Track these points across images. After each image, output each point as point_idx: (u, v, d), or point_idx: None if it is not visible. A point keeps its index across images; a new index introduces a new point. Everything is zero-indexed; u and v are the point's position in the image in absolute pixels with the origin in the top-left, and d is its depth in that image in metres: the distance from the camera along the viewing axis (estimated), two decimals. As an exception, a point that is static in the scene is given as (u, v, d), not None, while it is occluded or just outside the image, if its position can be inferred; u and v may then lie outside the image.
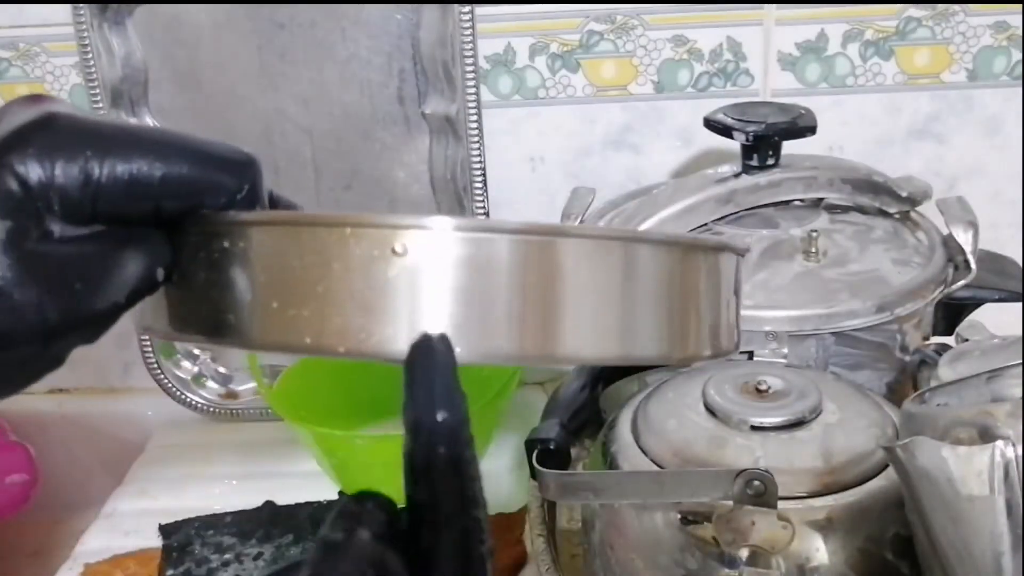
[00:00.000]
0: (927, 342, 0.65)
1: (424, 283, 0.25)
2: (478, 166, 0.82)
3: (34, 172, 0.26)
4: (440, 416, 0.25)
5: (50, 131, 0.26)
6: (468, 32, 0.78)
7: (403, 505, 0.26)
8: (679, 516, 0.49)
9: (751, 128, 0.68)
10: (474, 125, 0.80)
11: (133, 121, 0.29)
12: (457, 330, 0.25)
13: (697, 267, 0.29)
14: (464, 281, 0.25)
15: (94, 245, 0.27)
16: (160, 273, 0.28)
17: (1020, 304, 0.65)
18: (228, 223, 0.27)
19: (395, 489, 0.85)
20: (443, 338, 0.25)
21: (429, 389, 0.25)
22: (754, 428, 0.50)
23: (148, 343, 0.86)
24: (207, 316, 0.27)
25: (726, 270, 0.30)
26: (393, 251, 0.25)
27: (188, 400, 0.87)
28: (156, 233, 0.28)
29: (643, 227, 0.67)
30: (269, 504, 0.73)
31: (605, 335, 0.27)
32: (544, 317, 0.26)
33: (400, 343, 0.25)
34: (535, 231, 0.26)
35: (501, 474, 0.77)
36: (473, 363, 0.26)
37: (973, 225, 0.64)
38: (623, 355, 0.28)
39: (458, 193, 0.83)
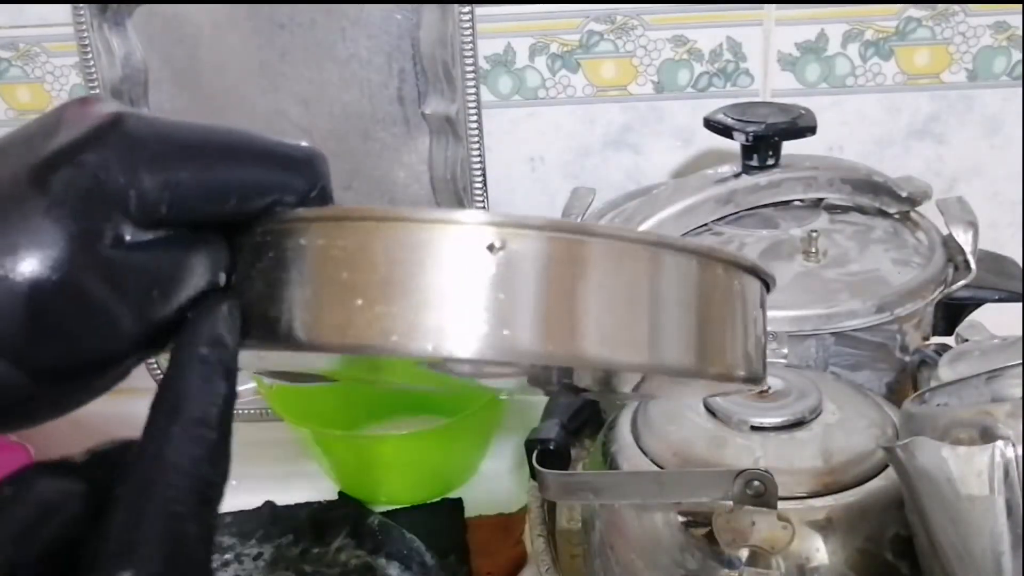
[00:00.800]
0: (927, 342, 0.65)
1: (516, 281, 0.25)
2: (478, 166, 0.82)
3: (112, 172, 0.24)
4: None
5: (125, 131, 0.25)
6: (468, 32, 0.78)
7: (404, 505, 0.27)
8: (679, 516, 0.49)
9: (751, 128, 0.68)
10: (474, 125, 0.80)
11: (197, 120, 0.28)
12: (545, 328, 0.25)
13: (732, 284, 0.28)
14: (554, 280, 0.25)
15: (165, 250, 0.26)
16: (222, 278, 0.27)
17: (1020, 304, 0.65)
18: (305, 219, 0.26)
19: (395, 489, 0.85)
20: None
21: None
22: (754, 428, 0.50)
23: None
24: (275, 320, 0.26)
25: (755, 294, 0.30)
26: (489, 248, 0.25)
27: (188, 400, 0.87)
28: (217, 236, 0.27)
29: (643, 227, 0.67)
30: (269, 504, 0.73)
31: (679, 342, 0.27)
32: (624, 321, 0.26)
33: (487, 341, 0.25)
34: (628, 238, 0.26)
35: (501, 474, 0.77)
36: (560, 364, 0.26)
37: (973, 225, 0.64)
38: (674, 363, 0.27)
39: (458, 193, 0.83)
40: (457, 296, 0.24)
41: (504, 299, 0.25)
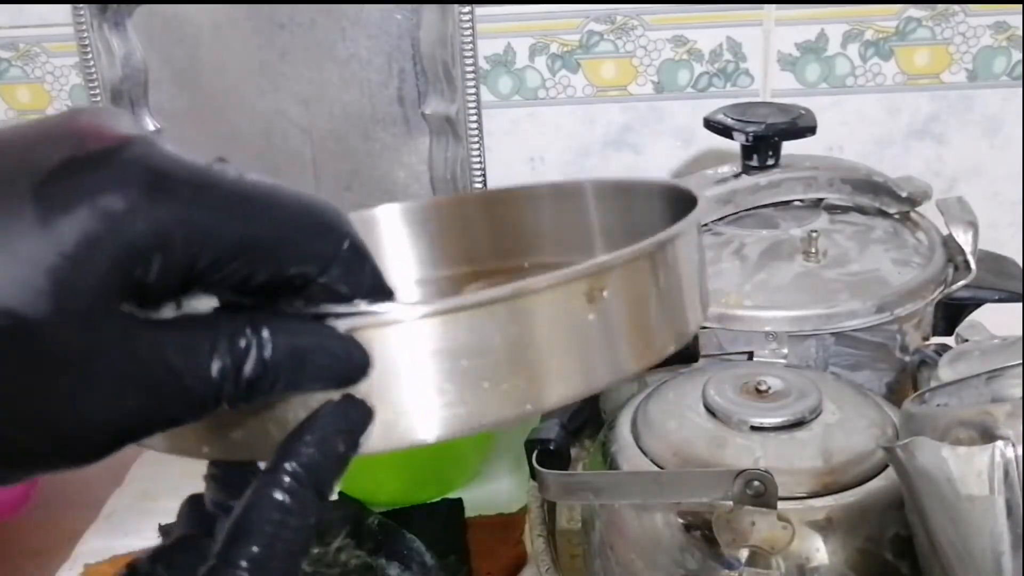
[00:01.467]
0: (927, 342, 0.65)
1: (616, 319, 0.27)
2: (478, 166, 0.82)
3: (139, 220, 0.20)
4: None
5: (147, 162, 0.21)
6: (468, 32, 0.78)
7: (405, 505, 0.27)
8: (679, 516, 0.49)
9: (751, 128, 0.68)
10: (474, 125, 0.80)
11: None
12: (634, 346, 0.27)
13: (662, 262, 0.30)
14: (640, 307, 0.28)
15: (173, 333, 0.22)
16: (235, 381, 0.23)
17: (1020, 304, 0.65)
18: (405, 318, 0.25)
19: (395, 489, 0.85)
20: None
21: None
22: (754, 428, 0.50)
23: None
24: (392, 422, 0.26)
25: (682, 252, 0.31)
26: (588, 297, 0.26)
27: (188, 400, 0.87)
28: (237, 322, 0.23)
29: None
30: (269, 504, 0.73)
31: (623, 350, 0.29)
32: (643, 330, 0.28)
33: (607, 377, 0.27)
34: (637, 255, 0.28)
35: (501, 475, 0.77)
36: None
37: (973, 225, 0.64)
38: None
39: (458, 193, 0.83)
40: (572, 347, 0.26)
41: (607, 331, 0.27)
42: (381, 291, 0.26)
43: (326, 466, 0.25)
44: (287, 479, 0.24)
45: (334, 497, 0.75)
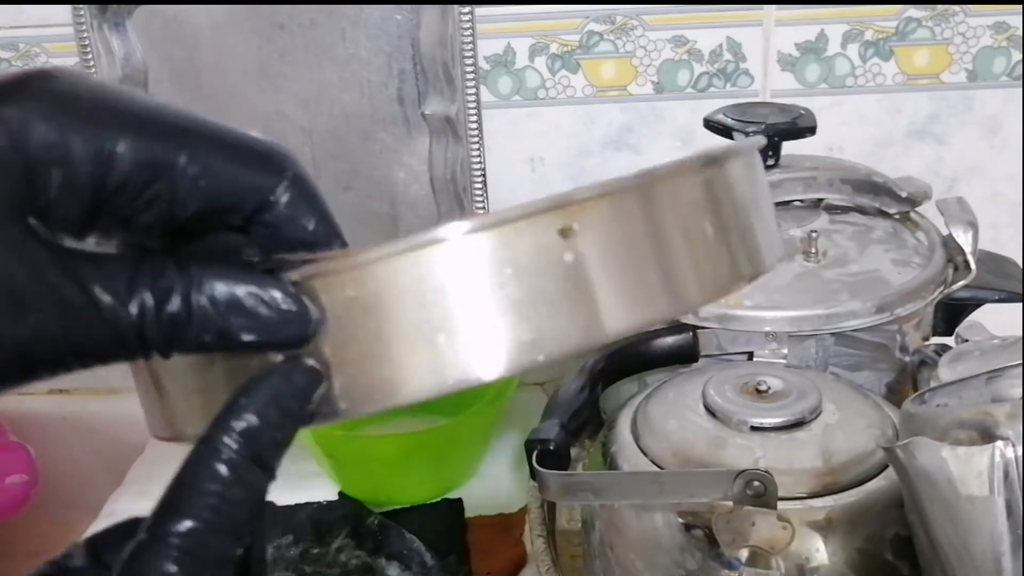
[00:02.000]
0: (927, 343, 0.65)
1: (596, 259, 0.23)
2: (478, 166, 0.82)
3: (35, 131, 0.20)
4: None
5: (55, 85, 0.21)
6: (468, 32, 0.78)
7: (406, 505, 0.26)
8: (679, 517, 0.49)
9: (751, 128, 0.68)
10: (474, 125, 0.80)
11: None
12: (634, 298, 0.23)
13: (732, 183, 0.26)
14: (631, 245, 0.23)
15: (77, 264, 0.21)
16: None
17: (1020, 304, 0.65)
18: (351, 266, 0.22)
19: (395, 489, 0.85)
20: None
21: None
22: (754, 428, 0.50)
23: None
24: (349, 386, 0.23)
25: (753, 173, 0.28)
26: (562, 233, 0.22)
27: (188, 400, 0.87)
28: (166, 263, 0.22)
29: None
30: (269, 504, 0.73)
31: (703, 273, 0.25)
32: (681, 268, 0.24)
33: (585, 333, 0.22)
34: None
35: (501, 475, 0.77)
36: (661, 323, 0.24)
37: (973, 226, 0.64)
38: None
39: (458, 194, 0.83)
40: (544, 295, 0.22)
41: (591, 282, 0.23)
42: (330, 236, 0.24)
43: (266, 435, 0.22)
44: (223, 449, 0.22)
45: (333, 497, 0.75)
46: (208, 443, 0.22)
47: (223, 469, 0.22)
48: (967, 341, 0.58)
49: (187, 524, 0.21)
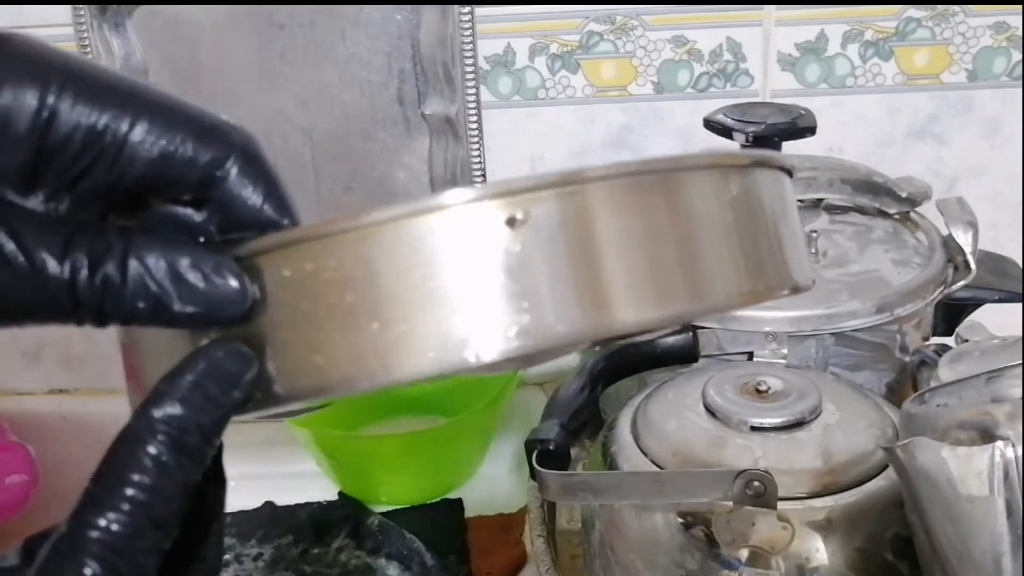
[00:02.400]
0: (927, 343, 0.65)
1: (545, 253, 0.21)
2: (478, 166, 0.82)
3: None
4: None
5: (7, 46, 0.21)
6: (468, 33, 0.78)
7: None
8: (679, 517, 0.49)
9: (751, 129, 0.68)
10: (474, 126, 0.80)
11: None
12: (588, 299, 0.21)
13: (758, 188, 0.25)
14: (585, 242, 0.21)
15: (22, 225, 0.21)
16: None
17: (1020, 305, 0.65)
18: (282, 244, 0.22)
19: (395, 489, 0.85)
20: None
21: None
22: (754, 429, 0.50)
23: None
24: (279, 373, 0.22)
25: (784, 189, 0.26)
26: (510, 223, 0.21)
27: (188, 400, 0.87)
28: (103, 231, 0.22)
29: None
30: (269, 504, 0.73)
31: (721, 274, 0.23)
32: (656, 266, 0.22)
33: (530, 332, 0.21)
34: (635, 171, 0.22)
35: (501, 475, 0.77)
36: (617, 334, 0.22)
37: (973, 226, 0.64)
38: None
39: (458, 193, 0.83)
40: (485, 288, 0.21)
41: (538, 277, 0.21)
42: (282, 214, 0.24)
43: (190, 422, 0.22)
44: (143, 437, 0.21)
45: (333, 497, 0.75)
46: (129, 432, 0.22)
47: (145, 460, 0.21)
48: (967, 341, 0.58)
49: (108, 516, 0.21)
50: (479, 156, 0.82)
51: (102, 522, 0.21)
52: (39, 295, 0.21)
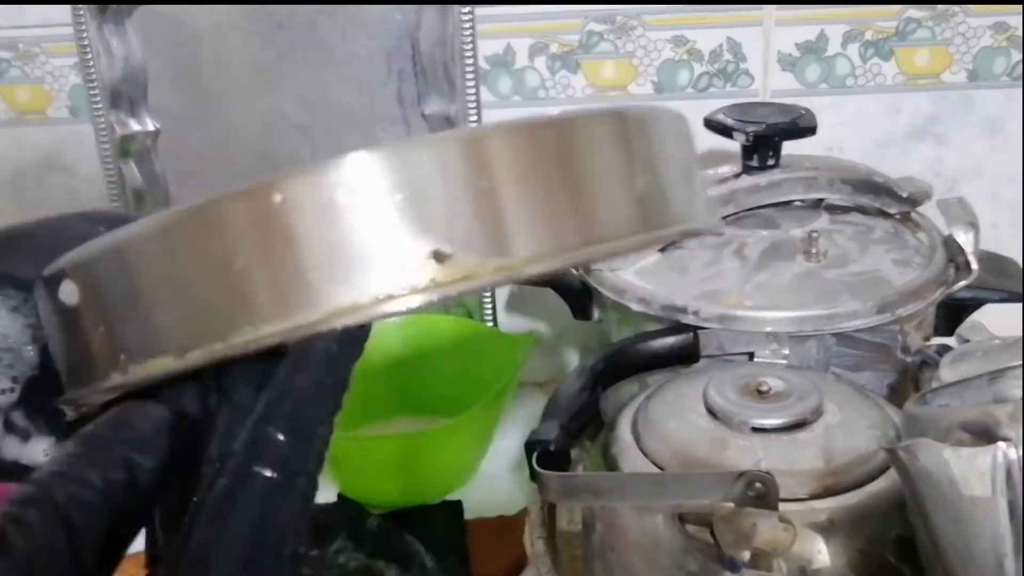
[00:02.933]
0: (928, 343, 0.64)
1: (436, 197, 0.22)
2: (478, 167, 0.82)
3: None
4: None
5: None
6: (468, 32, 0.78)
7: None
8: (680, 518, 0.48)
9: (751, 128, 0.68)
10: (474, 126, 0.80)
11: None
12: (493, 241, 0.22)
13: (647, 131, 0.26)
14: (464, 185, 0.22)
15: None
16: None
17: (1021, 305, 0.65)
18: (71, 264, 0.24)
19: (392, 488, 0.84)
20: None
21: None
22: (755, 430, 0.50)
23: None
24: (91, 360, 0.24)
25: (678, 131, 0.27)
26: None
27: (187, 401, 0.87)
28: None
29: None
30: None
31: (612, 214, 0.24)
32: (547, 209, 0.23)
33: (440, 273, 0.22)
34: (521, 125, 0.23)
35: (500, 476, 0.77)
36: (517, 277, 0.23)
37: (974, 226, 0.64)
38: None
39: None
40: (384, 234, 0.22)
41: (442, 220, 0.22)
42: None
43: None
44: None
45: (332, 498, 0.75)
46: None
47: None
48: (968, 341, 0.58)
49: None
50: (479, 156, 0.81)
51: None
52: None
